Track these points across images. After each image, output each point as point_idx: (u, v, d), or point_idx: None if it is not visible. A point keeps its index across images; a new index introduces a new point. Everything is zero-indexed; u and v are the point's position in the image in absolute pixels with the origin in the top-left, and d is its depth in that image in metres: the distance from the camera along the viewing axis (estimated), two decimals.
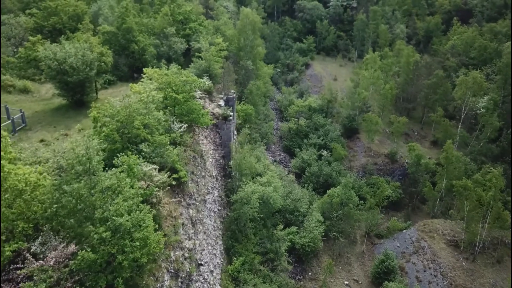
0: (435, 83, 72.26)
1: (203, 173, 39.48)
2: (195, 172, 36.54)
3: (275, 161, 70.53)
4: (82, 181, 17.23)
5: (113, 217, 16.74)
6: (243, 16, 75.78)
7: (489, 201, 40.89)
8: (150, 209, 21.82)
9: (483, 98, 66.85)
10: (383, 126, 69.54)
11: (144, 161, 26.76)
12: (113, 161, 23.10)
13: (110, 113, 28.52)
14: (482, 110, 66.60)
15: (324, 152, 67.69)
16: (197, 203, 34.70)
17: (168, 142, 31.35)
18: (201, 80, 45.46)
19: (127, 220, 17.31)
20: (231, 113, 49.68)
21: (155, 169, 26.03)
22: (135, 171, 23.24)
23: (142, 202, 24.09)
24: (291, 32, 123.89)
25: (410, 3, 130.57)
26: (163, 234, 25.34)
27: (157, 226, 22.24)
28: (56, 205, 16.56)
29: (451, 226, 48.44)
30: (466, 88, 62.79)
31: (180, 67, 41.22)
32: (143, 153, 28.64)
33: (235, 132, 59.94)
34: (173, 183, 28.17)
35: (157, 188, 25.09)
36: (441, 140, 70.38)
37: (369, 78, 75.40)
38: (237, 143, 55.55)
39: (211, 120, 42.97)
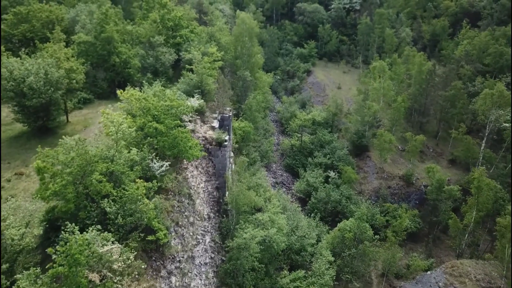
0: (453, 95, 65.28)
1: (191, 219, 32.29)
2: (180, 222, 29.33)
3: (276, 183, 63.39)
4: None
5: None
6: (239, 22, 68.73)
7: None
8: None
9: (504, 111, 59.89)
10: (396, 144, 62.52)
11: (104, 233, 19.52)
12: (48, 249, 15.82)
13: (61, 161, 21.28)
14: (505, 124, 59.68)
15: (331, 173, 60.56)
16: (183, 265, 27.48)
17: (144, 192, 24.17)
18: (189, 102, 38.35)
19: None
20: (227, 137, 42.47)
21: (118, 247, 18.74)
22: (81, 260, 16.00)
23: None
24: (291, 36, 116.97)
25: (413, 5, 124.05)
26: None
27: None
28: None
29: (485, 269, 41.43)
30: (491, 103, 55.83)
31: (163, 88, 33.96)
32: (107, 214, 21.51)
33: (232, 154, 52.81)
34: (143, 266, 20.86)
35: (118, 278, 17.84)
36: (460, 159, 63.38)
37: (379, 89, 68.38)
38: (234, 170, 48.37)
39: (201, 151, 35.82)
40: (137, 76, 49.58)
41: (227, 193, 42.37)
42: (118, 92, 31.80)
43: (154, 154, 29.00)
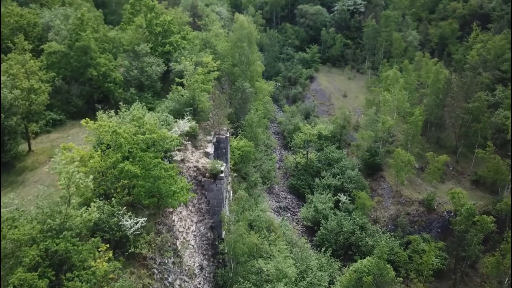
0: (477, 107, 58.49)
1: (177, 283, 25.30)
2: None
3: (280, 207, 56.43)
4: None
5: None
6: (237, 26, 61.89)
7: None
8: None
9: None
10: (414, 163, 55.58)
11: None
12: None
13: None
14: None
15: (342, 197, 53.66)
16: None
17: (104, 273, 17.22)
18: (177, 128, 31.53)
19: None
20: (223, 167, 35.54)
21: None
22: None
23: None
24: (292, 40, 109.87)
25: (419, 7, 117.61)
26: None
27: None
28: None
29: None
30: None
31: (142, 115, 26.96)
32: None
33: (229, 179, 45.88)
34: None
35: None
36: (485, 180, 56.44)
37: (392, 100, 61.52)
38: (231, 200, 41.44)
39: (191, 190, 29.01)
40: (118, 91, 42.60)
41: (223, 233, 35.47)
42: (82, 122, 24.91)
43: (125, 208, 21.97)
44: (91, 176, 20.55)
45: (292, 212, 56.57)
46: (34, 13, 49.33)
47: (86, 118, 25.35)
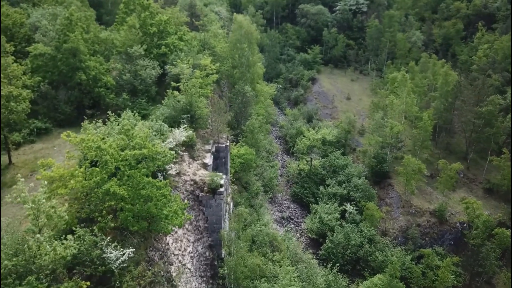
0: (489, 111, 55.60)
1: None
2: None
3: (283, 218, 53.47)
4: None
5: None
6: (236, 26, 58.97)
7: None
8: None
9: None
10: (424, 170, 52.62)
11: None
12: None
13: None
14: None
15: (349, 207, 50.73)
16: None
17: None
18: (172, 139, 28.58)
19: None
20: (222, 180, 32.57)
21: None
22: None
23: None
24: (293, 40, 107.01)
25: (422, 6, 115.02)
26: None
27: None
28: None
29: None
30: None
31: (132, 123, 23.95)
32: None
33: (229, 190, 42.87)
34: None
35: None
36: (498, 188, 53.58)
37: (400, 104, 58.61)
38: (232, 215, 38.45)
39: (185, 210, 26.06)
40: (110, 96, 39.56)
41: (223, 252, 32.51)
42: (62, 135, 21.91)
43: (109, 238, 18.96)
44: (66, 205, 17.60)
45: (295, 223, 53.58)
46: (21, 13, 46.23)
47: (68, 131, 22.31)
